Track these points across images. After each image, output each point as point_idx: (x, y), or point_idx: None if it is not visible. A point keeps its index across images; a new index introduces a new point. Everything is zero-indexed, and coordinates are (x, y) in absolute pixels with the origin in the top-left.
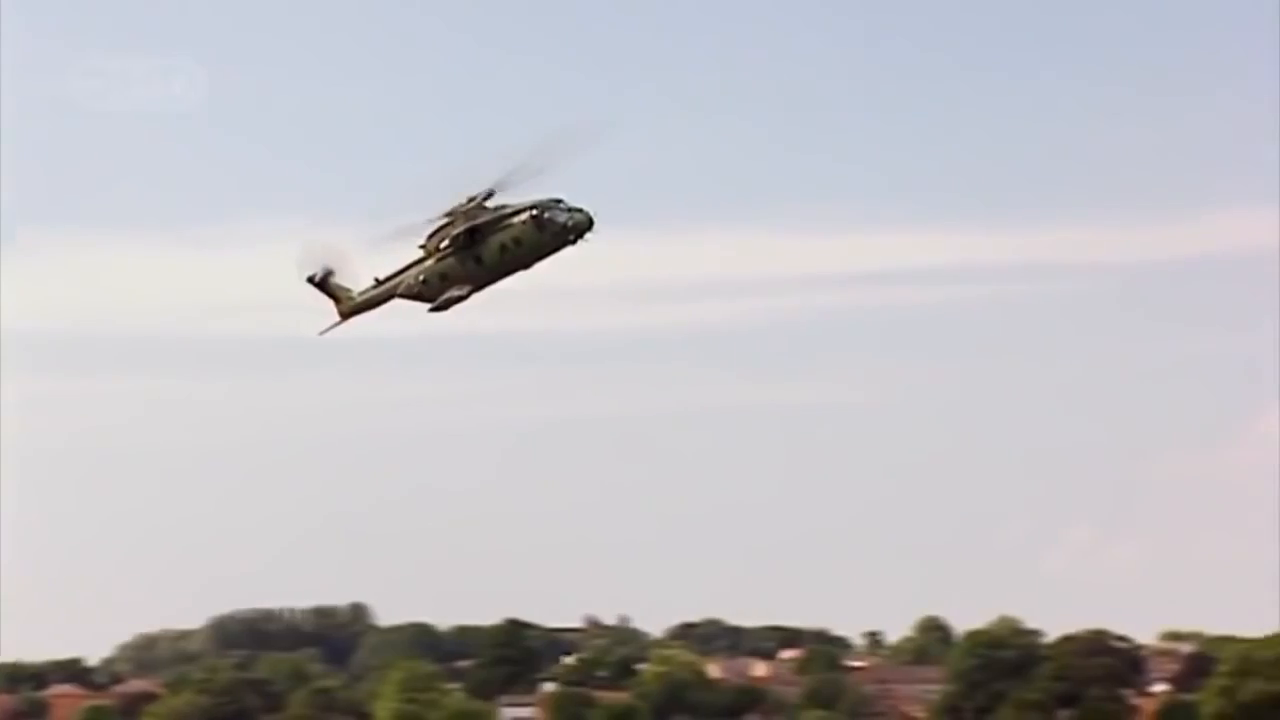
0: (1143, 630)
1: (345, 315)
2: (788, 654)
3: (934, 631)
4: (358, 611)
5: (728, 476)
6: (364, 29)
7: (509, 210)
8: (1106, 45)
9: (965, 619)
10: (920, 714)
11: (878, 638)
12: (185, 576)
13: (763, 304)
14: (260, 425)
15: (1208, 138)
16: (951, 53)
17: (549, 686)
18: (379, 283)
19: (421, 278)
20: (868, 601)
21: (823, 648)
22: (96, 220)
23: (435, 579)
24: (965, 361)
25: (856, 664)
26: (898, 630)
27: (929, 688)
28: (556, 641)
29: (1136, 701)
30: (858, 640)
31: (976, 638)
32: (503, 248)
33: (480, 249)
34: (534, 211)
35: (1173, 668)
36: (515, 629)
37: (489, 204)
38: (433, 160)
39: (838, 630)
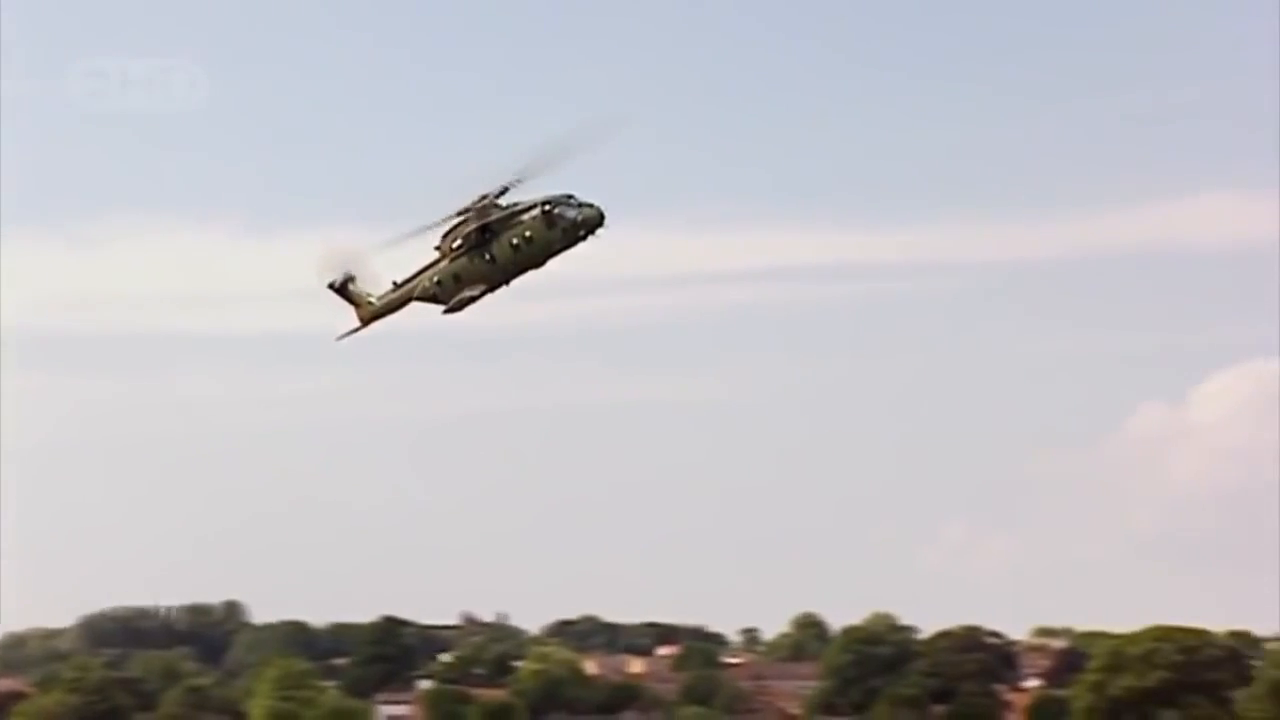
0: (1016, 626)
1: (365, 320)
2: (664, 651)
3: (810, 628)
4: (232, 609)
5: (605, 473)
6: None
7: (520, 207)
8: (997, 47)
9: (841, 616)
10: (796, 710)
11: (754, 634)
12: (55, 575)
13: (644, 301)
14: (133, 421)
15: (1087, 138)
16: (841, 51)
17: (425, 684)
18: (397, 286)
19: (436, 279)
20: (744, 599)
21: (699, 644)
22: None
23: (310, 576)
24: (844, 358)
25: (733, 661)
26: (774, 627)
27: (805, 684)
28: (433, 639)
29: (1009, 697)
30: (734, 637)
31: (852, 634)
32: (514, 245)
33: (492, 247)
34: (544, 207)
35: (1045, 663)
36: (391, 626)
37: (502, 201)
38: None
39: (714, 627)
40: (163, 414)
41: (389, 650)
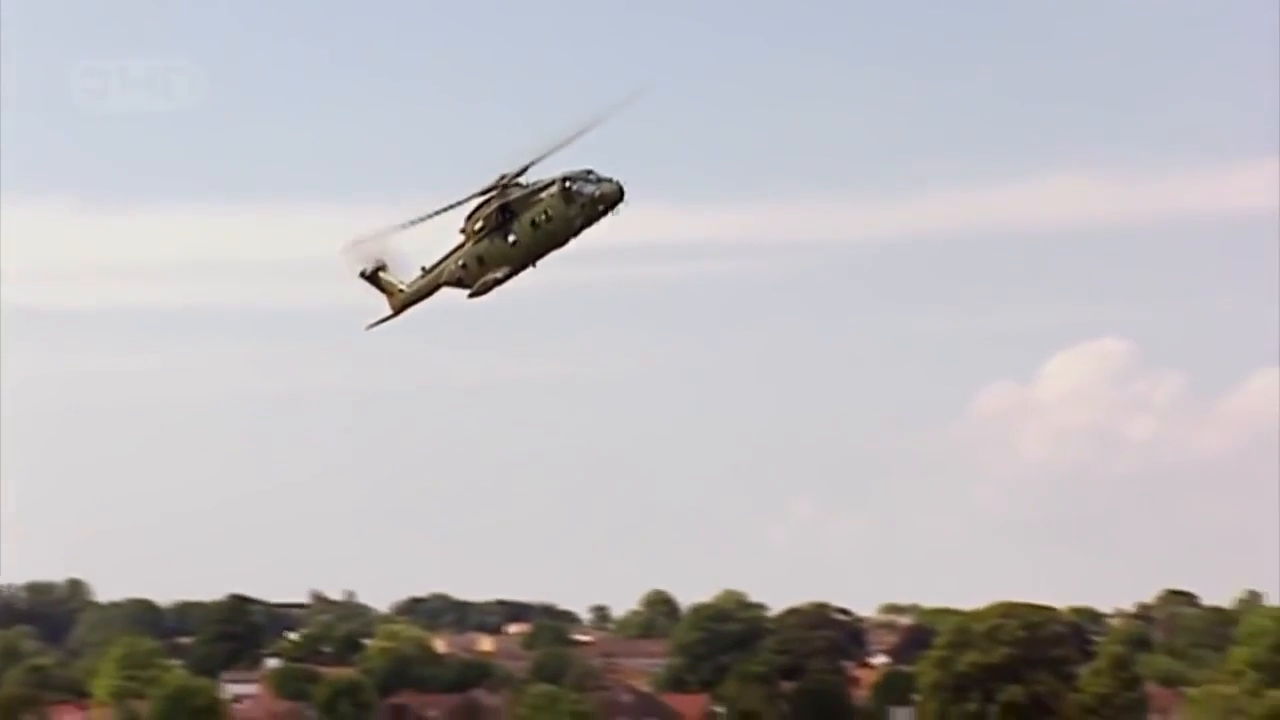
0: (864, 604)
1: (397, 309)
2: (514, 629)
3: (660, 606)
4: (75, 587)
5: (455, 452)
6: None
7: (539, 185)
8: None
9: (691, 594)
10: (646, 687)
11: (604, 612)
12: None
13: None
14: None
15: (937, 118)
16: (693, 25)
17: (273, 663)
18: (425, 272)
19: (461, 262)
20: (595, 577)
21: (550, 622)
22: None
23: (156, 554)
24: (694, 336)
25: (583, 638)
26: (624, 605)
27: (655, 661)
28: (281, 617)
29: (857, 673)
30: (584, 615)
31: (701, 612)
32: (534, 224)
33: (513, 227)
34: (563, 184)
35: (892, 640)
36: (239, 605)
37: (523, 181)
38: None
39: (564, 605)
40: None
41: (236, 629)
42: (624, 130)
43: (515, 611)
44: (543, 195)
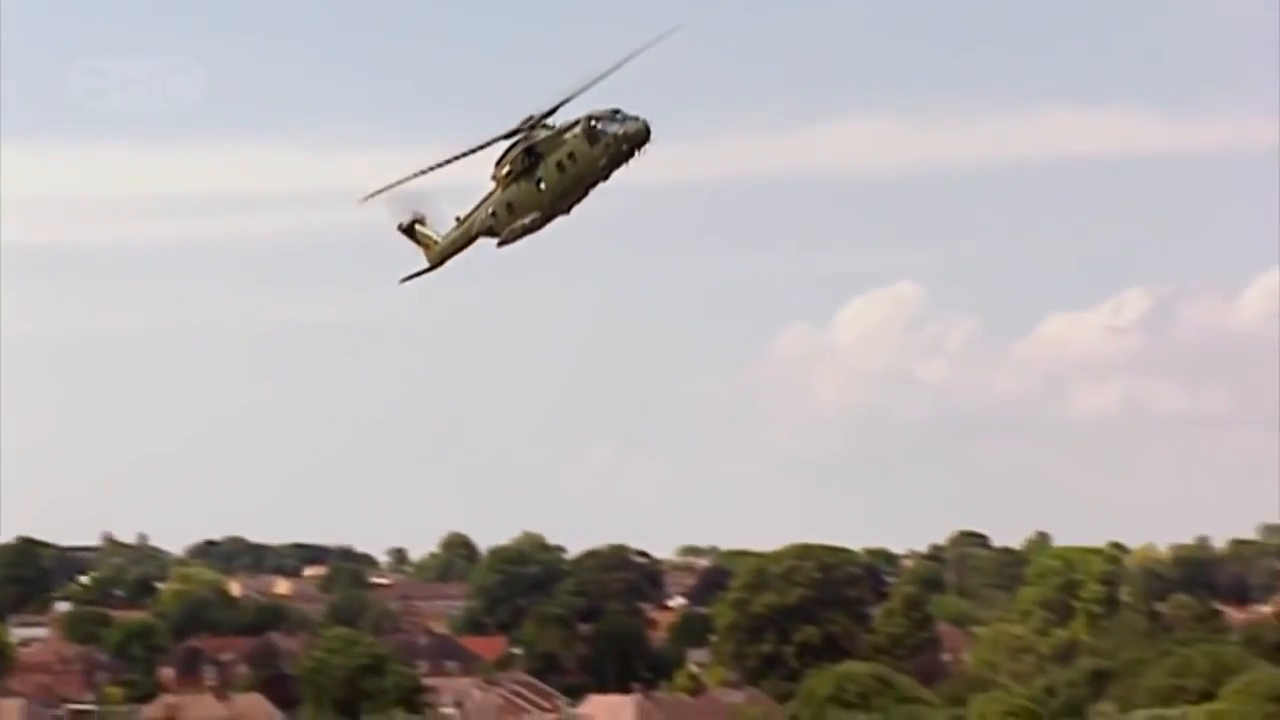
0: (662, 546)
1: (434, 262)
2: (311, 571)
3: (458, 549)
4: None
5: (250, 393)
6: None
7: (565, 126)
8: None
9: (490, 537)
10: (443, 630)
11: (402, 555)
12: None
13: (289, 219)
14: None
15: (735, 59)
16: None
17: (63, 606)
18: (459, 222)
19: (491, 210)
20: (393, 520)
21: (347, 565)
22: None
23: None
24: (492, 279)
25: (381, 581)
26: (423, 548)
27: (453, 604)
28: (72, 560)
29: (654, 615)
30: (382, 558)
31: (499, 554)
32: (559, 166)
33: (539, 170)
34: (587, 123)
35: (690, 582)
36: (28, 547)
37: (551, 123)
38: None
39: (362, 548)
40: None
41: (26, 572)
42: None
43: (312, 554)
44: (567, 136)
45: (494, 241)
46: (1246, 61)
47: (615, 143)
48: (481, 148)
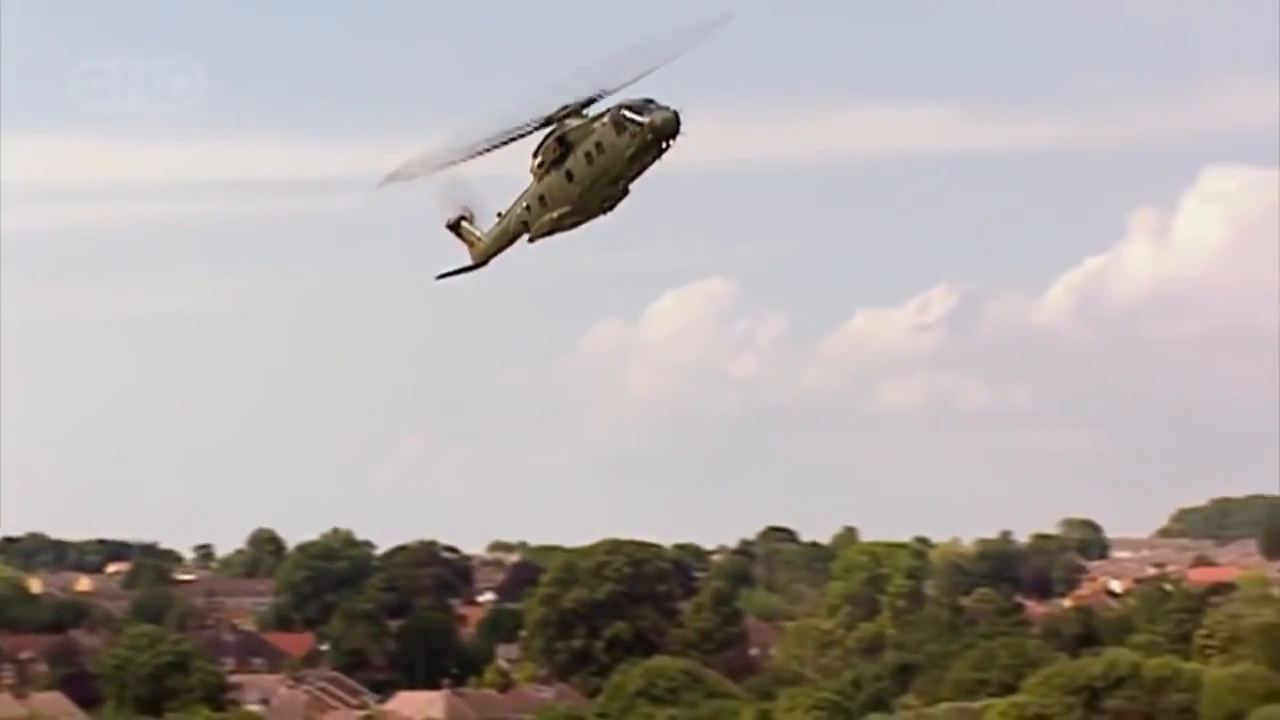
0: (472, 542)
1: (477, 261)
2: (115, 568)
3: (266, 545)
4: None
5: (53, 387)
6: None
7: (596, 115)
8: None
9: (299, 533)
10: (250, 626)
11: (208, 551)
12: None
13: (115, 210)
14: None
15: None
16: None
17: None
18: (500, 218)
19: (525, 204)
20: (199, 516)
21: (150, 561)
22: None
23: None
24: (304, 271)
25: (185, 577)
26: (229, 544)
27: (260, 600)
28: None
29: (464, 610)
30: (188, 554)
31: (307, 550)
32: (588, 156)
33: (569, 161)
34: (615, 112)
35: (500, 577)
36: None
37: (588, 113)
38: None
39: (167, 544)
40: None
41: None
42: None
43: (115, 551)
44: (596, 125)
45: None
46: (1053, 63)
47: (641, 132)
48: (515, 136)
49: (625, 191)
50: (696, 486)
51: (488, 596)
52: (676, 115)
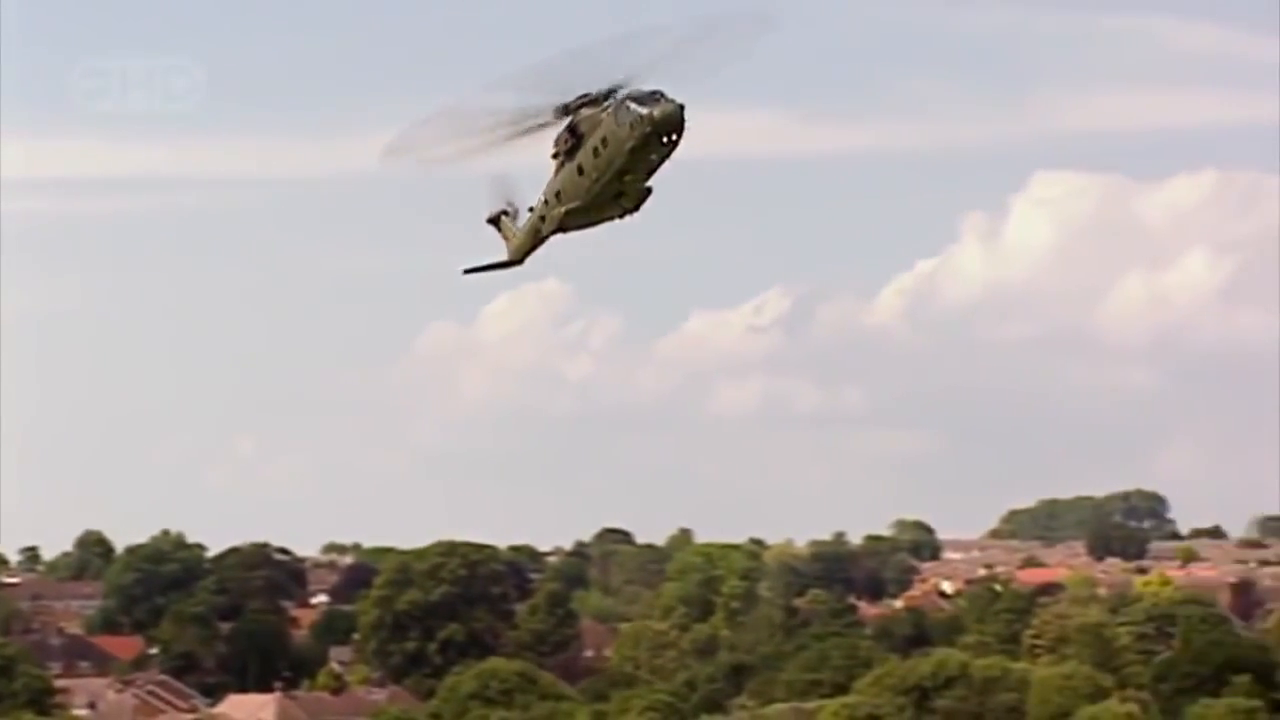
0: (306, 544)
1: (514, 256)
2: None
3: (94, 547)
4: None
5: None
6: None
7: (605, 106)
8: None
9: (129, 535)
10: (77, 629)
11: (35, 553)
12: None
13: None
14: None
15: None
16: None
17: None
18: (531, 211)
19: (544, 199)
20: (25, 518)
21: None
22: None
23: None
24: (132, 271)
25: (10, 580)
26: (56, 546)
27: (88, 603)
28: None
29: (297, 613)
30: (14, 556)
31: (136, 552)
32: (595, 150)
33: (580, 154)
34: (620, 102)
35: (333, 579)
36: None
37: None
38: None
39: None
40: None
41: None
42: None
43: None
44: (603, 116)
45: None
46: (887, 69)
47: (641, 125)
48: (536, 126)
49: (645, 191)
50: (532, 488)
51: (321, 599)
52: (680, 109)
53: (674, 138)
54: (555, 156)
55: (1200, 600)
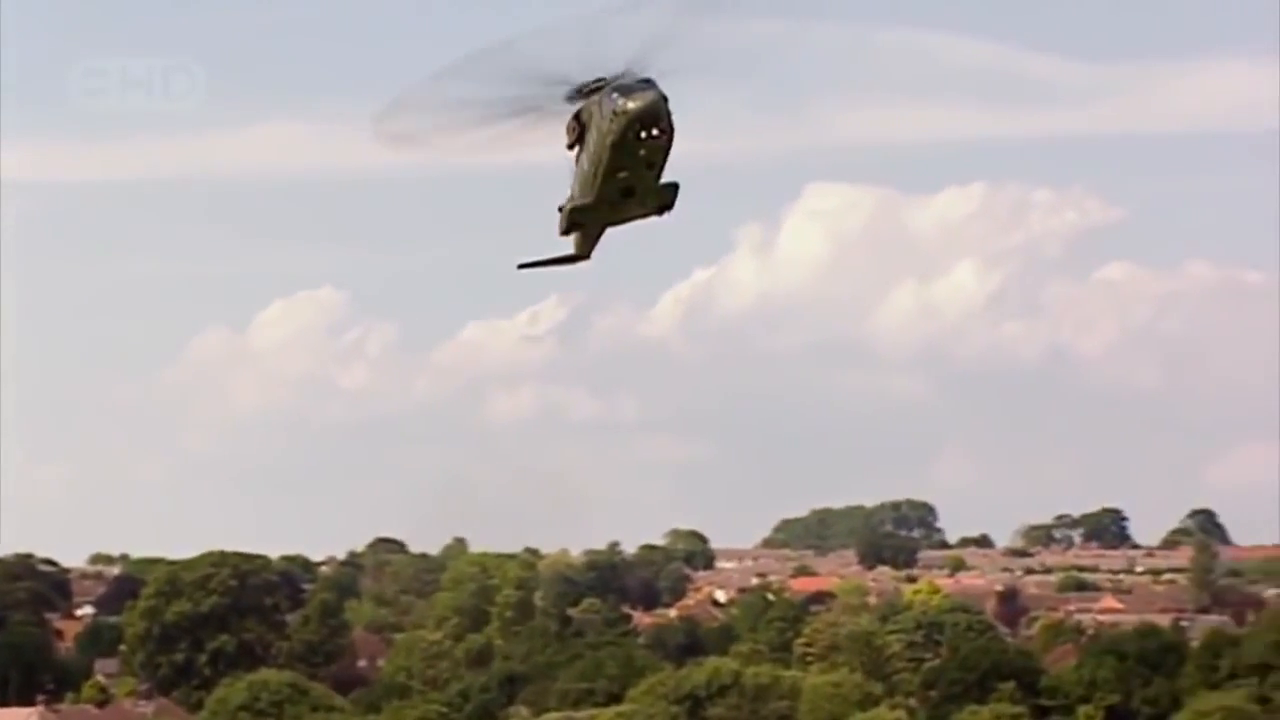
0: (72, 554)
1: (579, 251)
2: None
3: None
4: None
5: None
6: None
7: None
8: None
9: None
10: None
11: None
12: None
13: None
14: None
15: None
16: None
17: None
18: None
19: (569, 193)
20: None
21: None
22: None
23: None
24: None
25: None
26: None
27: None
28: None
29: (61, 625)
30: None
31: None
32: (593, 143)
33: (585, 145)
34: (607, 91)
35: (100, 590)
36: None
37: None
38: None
39: None
40: None
41: None
42: None
43: None
44: (594, 106)
45: None
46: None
47: (616, 118)
48: (543, 108)
49: (665, 189)
50: (305, 497)
51: (87, 610)
52: (655, 102)
53: (654, 133)
54: (570, 148)
55: (967, 609)
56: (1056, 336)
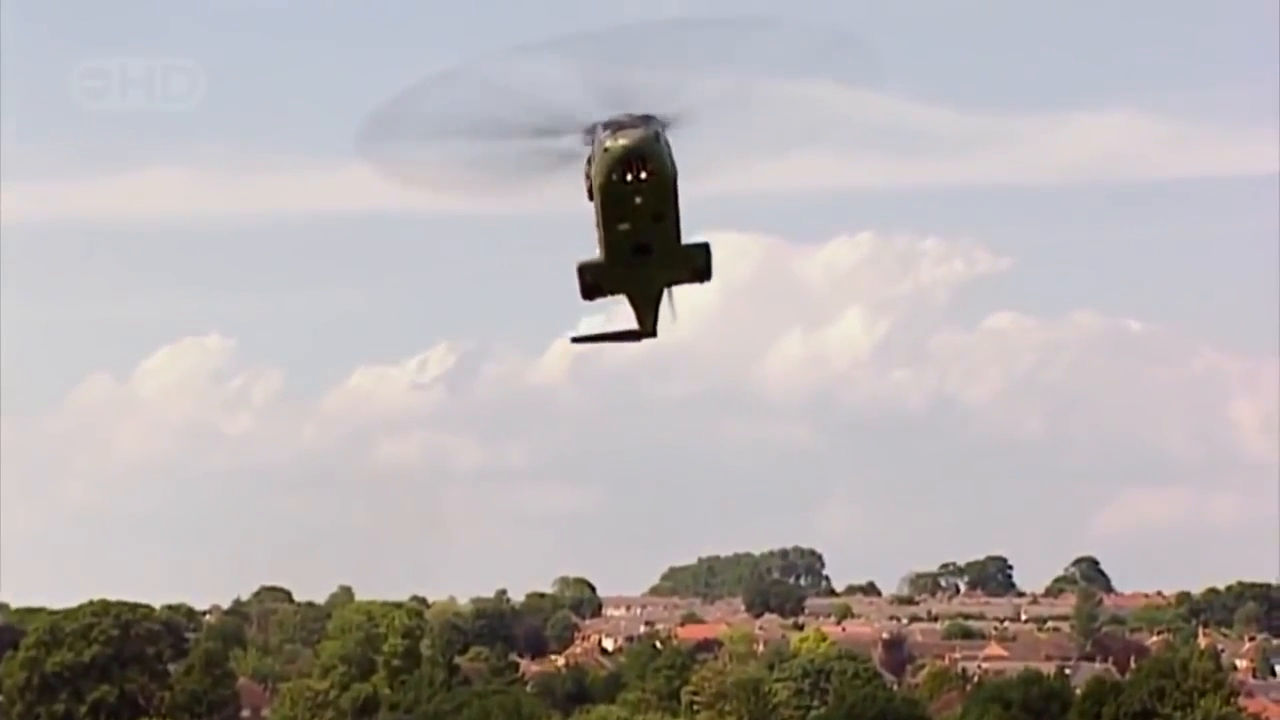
0: None
1: (645, 330)
2: None
3: None
4: None
5: None
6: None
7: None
8: None
9: None
10: None
11: None
12: None
13: None
14: None
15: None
16: None
17: None
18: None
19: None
20: None
21: None
22: None
23: None
24: None
25: None
26: None
27: None
28: None
29: None
30: None
31: None
32: (593, 187)
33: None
34: (600, 129)
35: None
36: None
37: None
38: None
39: None
40: None
41: None
42: None
43: None
44: (595, 147)
45: None
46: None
47: (603, 158)
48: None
49: (689, 250)
50: (189, 546)
51: None
52: (641, 140)
53: (642, 175)
54: (591, 198)
55: (854, 657)
56: (943, 385)
